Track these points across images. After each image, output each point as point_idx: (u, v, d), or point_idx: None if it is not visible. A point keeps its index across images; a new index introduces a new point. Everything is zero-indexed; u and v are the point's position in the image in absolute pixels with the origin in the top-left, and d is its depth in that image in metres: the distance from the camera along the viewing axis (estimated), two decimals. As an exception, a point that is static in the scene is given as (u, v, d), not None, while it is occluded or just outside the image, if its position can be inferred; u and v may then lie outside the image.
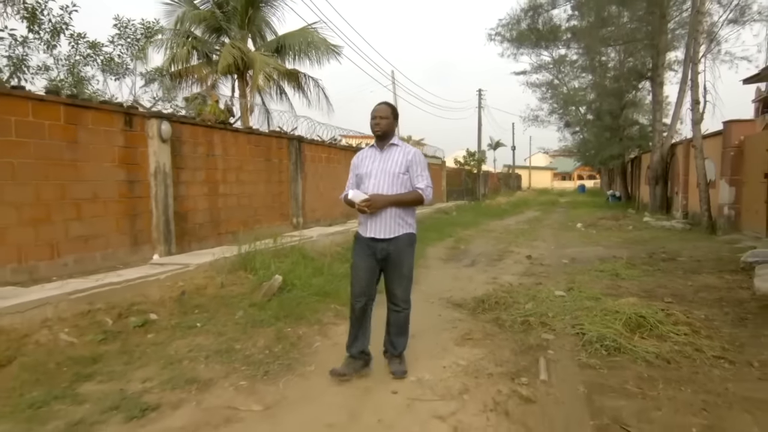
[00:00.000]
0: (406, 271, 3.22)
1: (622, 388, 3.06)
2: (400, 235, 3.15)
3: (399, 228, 3.15)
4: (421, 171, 3.21)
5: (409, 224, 3.22)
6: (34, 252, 4.88)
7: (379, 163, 3.21)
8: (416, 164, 3.20)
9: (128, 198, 5.93)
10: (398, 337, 3.30)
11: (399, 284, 3.22)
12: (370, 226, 3.17)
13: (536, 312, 4.65)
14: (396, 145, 3.27)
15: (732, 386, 3.12)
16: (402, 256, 3.17)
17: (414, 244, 3.30)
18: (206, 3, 11.60)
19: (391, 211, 3.12)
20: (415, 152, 3.26)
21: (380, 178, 3.16)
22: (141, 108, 6.41)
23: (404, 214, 3.18)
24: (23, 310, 3.62)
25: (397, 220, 3.14)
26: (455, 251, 9.43)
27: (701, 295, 5.59)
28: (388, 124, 3.23)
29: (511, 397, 2.92)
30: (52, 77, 7.92)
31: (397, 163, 3.18)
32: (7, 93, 4.75)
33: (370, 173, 3.20)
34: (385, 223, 3.13)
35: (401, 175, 3.17)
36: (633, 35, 16.31)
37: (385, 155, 3.23)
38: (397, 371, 3.21)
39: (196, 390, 3.00)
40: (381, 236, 3.13)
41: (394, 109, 3.35)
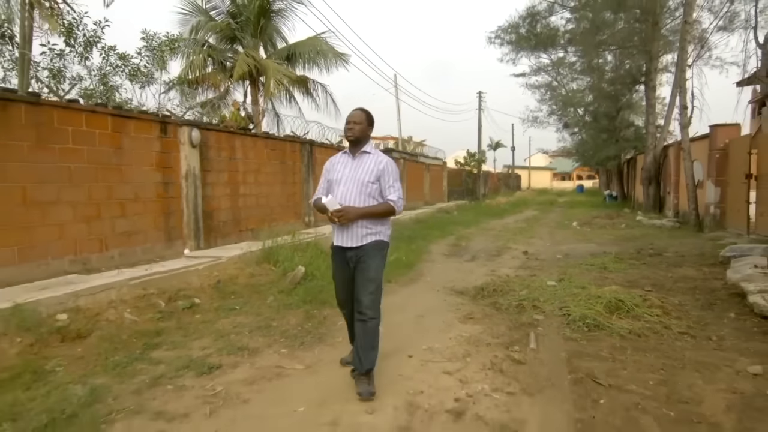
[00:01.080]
0: (372, 274, 3.08)
1: (597, 354, 3.71)
2: (367, 243, 3.11)
3: (367, 237, 3.10)
4: (393, 182, 3.15)
5: (378, 232, 3.15)
6: (87, 245, 5.54)
7: (350, 171, 3.16)
8: (388, 174, 3.14)
9: (163, 198, 6.59)
10: (366, 351, 3.05)
11: (364, 289, 3.04)
12: (339, 235, 3.16)
13: (529, 298, 5.30)
14: (368, 152, 3.20)
15: (689, 354, 3.76)
16: (368, 260, 3.08)
17: (384, 251, 3.22)
18: (221, 14, 12.28)
19: (361, 222, 3.09)
20: (387, 161, 3.19)
21: (349, 186, 3.10)
22: (174, 117, 7.06)
23: (372, 224, 3.12)
24: (94, 293, 4.28)
25: (364, 231, 3.10)
26: (457, 248, 10.08)
27: (678, 285, 6.23)
28: (361, 130, 3.18)
29: (505, 360, 3.59)
30: (84, 86, 8.60)
31: (367, 171, 3.12)
32: (65, 106, 5.42)
33: (340, 180, 3.15)
34: (353, 232, 3.10)
35: (371, 184, 3.10)
36: (627, 41, 16.96)
37: (357, 162, 3.17)
38: (364, 392, 2.96)
39: (247, 355, 3.67)
40: (349, 245, 3.12)
41: (369, 115, 3.28)
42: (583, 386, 3.14)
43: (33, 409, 2.72)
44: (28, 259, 4.91)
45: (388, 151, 17.78)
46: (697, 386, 3.16)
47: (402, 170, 16.66)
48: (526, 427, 2.61)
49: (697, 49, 15.12)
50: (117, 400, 2.89)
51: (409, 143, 30.90)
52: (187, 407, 2.82)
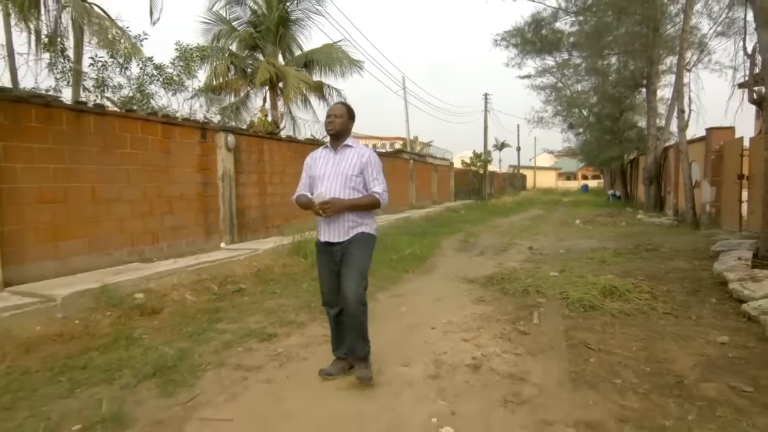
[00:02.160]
0: (358, 263, 3.04)
1: (590, 328, 4.39)
2: (353, 236, 3.10)
3: (352, 230, 3.10)
4: (377, 174, 3.15)
5: (365, 224, 3.15)
6: (141, 238, 6.27)
7: (332, 165, 3.13)
8: (371, 167, 3.13)
9: (203, 197, 7.32)
10: (355, 342, 3.15)
11: (350, 279, 3.01)
12: (324, 230, 3.16)
13: (533, 285, 5.98)
14: (350, 146, 3.18)
15: (670, 329, 4.43)
16: (354, 251, 3.06)
17: (371, 243, 3.19)
18: (243, 24, 13.01)
19: (346, 215, 3.08)
20: (370, 154, 3.18)
21: (333, 181, 3.08)
22: (212, 123, 7.79)
23: (358, 217, 3.12)
24: (160, 278, 5.01)
25: (350, 224, 3.10)
26: (466, 243, 10.76)
27: (669, 275, 6.87)
28: (342, 123, 3.16)
29: (513, 331, 4.28)
30: (124, 94, 9.35)
31: (350, 164, 3.10)
32: (124, 115, 6.15)
33: (323, 175, 3.12)
34: (339, 226, 3.10)
35: (354, 177, 3.09)
36: (629, 45, 17.58)
37: (339, 156, 3.15)
38: (363, 376, 3.10)
39: (296, 327, 4.38)
40: (335, 239, 3.11)
41: (350, 109, 3.28)
42: (577, 350, 3.83)
43: (137, 363, 3.44)
44: (96, 250, 5.64)
45: (398, 152, 18.47)
46: (672, 351, 3.83)
47: (411, 170, 17.34)
48: (530, 376, 3.30)
49: (696, 54, 15.72)
50: (201, 357, 3.61)
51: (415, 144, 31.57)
52: (260, 362, 3.53)
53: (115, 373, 3.27)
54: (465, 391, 3.07)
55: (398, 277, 6.68)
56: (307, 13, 12.92)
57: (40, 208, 5.02)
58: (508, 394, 3.02)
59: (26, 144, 4.91)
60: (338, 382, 3.21)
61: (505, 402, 2.91)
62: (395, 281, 6.41)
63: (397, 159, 16.49)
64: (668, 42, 16.40)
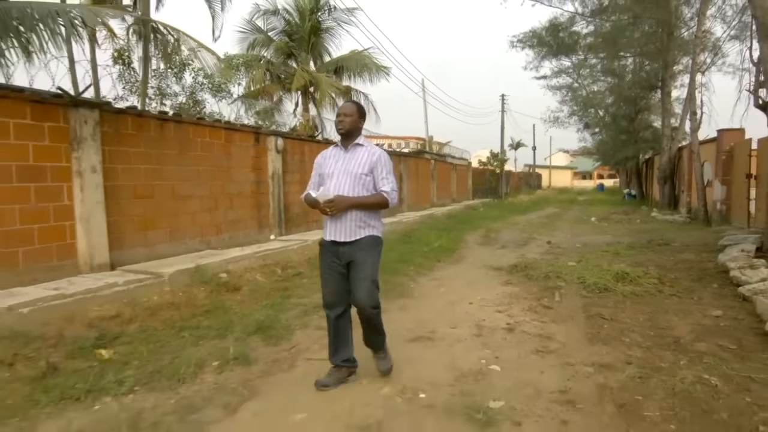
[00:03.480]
0: (367, 271, 3.00)
1: (604, 305, 5.17)
2: (361, 238, 3.03)
3: (360, 230, 3.04)
4: (386, 174, 3.10)
5: (373, 226, 3.09)
6: (208, 230, 7.19)
7: (342, 164, 3.08)
8: (381, 166, 3.08)
9: (257, 194, 8.22)
10: (372, 336, 3.20)
11: (360, 287, 2.97)
12: (331, 229, 3.08)
13: (554, 272, 6.76)
14: (361, 145, 3.15)
15: (673, 306, 5.18)
16: (364, 258, 3.01)
17: (379, 246, 3.14)
18: (278, 33, 13.94)
19: (353, 214, 3.01)
20: (381, 153, 3.13)
21: (342, 179, 3.04)
22: (263, 128, 8.70)
23: (366, 217, 3.06)
24: (235, 262, 5.91)
25: (358, 223, 3.03)
26: (488, 238, 11.54)
27: (678, 266, 7.58)
28: (352, 122, 3.12)
29: (538, 306, 5.08)
30: (177, 101, 10.32)
31: (360, 163, 3.06)
32: (195, 122, 7.07)
33: (332, 173, 3.08)
34: (346, 225, 3.02)
35: (364, 176, 3.05)
36: (644, 49, 18.14)
37: (349, 155, 3.11)
38: (383, 368, 3.22)
39: (355, 302, 5.23)
40: (341, 239, 3.03)
41: (361, 107, 3.26)
42: (593, 320, 4.62)
43: (239, 324, 4.31)
44: (175, 239, 6.56)
45: (420, 153, 19.28)
46: (674, 321, 4.60)
47: (433, 170, 18.14)
48: (555, 336, 4.11)
49: (710, 57, 16.25)
50: (287, 321, 4.48)
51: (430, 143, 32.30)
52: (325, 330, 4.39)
53: (224, 331, 4.16)
54: (504, 345, 3.90)
55: (432, 265, 7.52)
56: (338, 21, 13.83)
57: (135, 203, 5.95)
58: (538, 346, 3.84)
59: (124, 148, 5.84)
60: (398, 341, 4.05)
61: (537, 351, 3.73)
62: (431, 268, 7.25)
63: (420, 159, 17.31)
64: (682, 46, 16.93)
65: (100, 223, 5.41)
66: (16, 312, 3.65)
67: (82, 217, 5.24)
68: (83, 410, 2.81)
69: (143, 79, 8.73)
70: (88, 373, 3.25)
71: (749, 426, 2.56)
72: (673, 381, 3.12)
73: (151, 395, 3.00)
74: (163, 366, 3.39)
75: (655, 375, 3.24)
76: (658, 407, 2.80)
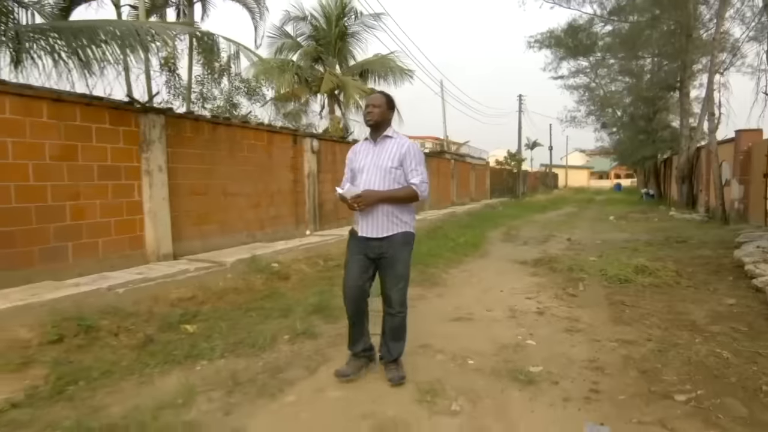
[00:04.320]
0: (401, 270, 3.02)
1: (625, 294, 5.60)
2: (394, 234, 3.00)
3: (393, 226, 3.00)
4: (416, 165, 3.03)
5: (405, 222, 3.05)
6: (253, 224, 7.77)
7: (371, 158, 3.05)
8: (410, 158, 3.02)
9: (294, 192, 8.79)
10: (394, 341, 3.15)
11: (393, 285, 3.02)
12: (362, 225, 3.05)
13: (576, 265, 7.18)
14: (390, 137, 3.09)
15: (690, 296, 5.60)
16: (396, 255, 3.00)
17: (411, 243, 3.12)
18: (306, 38, 14.53)
19: (384, 209, 2.97)
20: (410, 145, 3.07)
21: (372, 174, 3.00)
22: (300, 130, 9.28)
23: (398, 212, 3.01)
24: (283, 253, 6.46)
25: (390, 218, 2.98)
26: (509, 235, 11.96)
27: (695, 261, 7.95)
28: (381, 113, 3.06)
29: (564, 294, 5.54)
30: (215, 105, 10.95)
31: (390, 157, 3.01)
32: (242, 125, 7.66)
33: (362, 168, 3.06)
34: (377, 221, 2.98)
35: (394, 169, 2.99)
36: (662, 50, 18.35)
37: (379, 148, 3.07)
38: (394, 378, 3.06)
39: (395, 289, 5.74)
40: (374, 235, 3.00)
41: (389, 98, 3.17)
42: (616, 306, 5.06)
43: (297, 306, 4.85)
44: (225, 233, 7.15)
45: (441, 153, 19.74)
46: (690, 308, 5.02)
47: (453, 170, 18.59)
48: (581, 318, 4.58)
49: (729, 58, 16.43)
50: (338, 304, 4.99)
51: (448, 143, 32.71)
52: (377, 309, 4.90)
53: (286, 312, 4.70)
54: (536, 324, 4.38)
55: (460, 259, 8.00)
56: (364, 26, 14.40)
57: (192, 199, 6.54)
58: (567, 326, 4.32)
59: (183, 149, 6.43)
60: (442, 321, 4.55)
61: (566, 330, 4.21)
62: (459, 261, 7.74)
63: (441, 159, 17.78)
64: (701, 47, 17.12)
65: (165, 217, 6.00)
66: (113, 292, 4.23)
67: (150, 211, 5.84)
68: (187, 370, 3.37)
69: (188, 84, 9.36)
70: (180, 343, 3.82)
71: (753, 386, 3.02)
72: (689, 353, 3.58)
73: (240, 359, 3.55)
74: (243, 338, 3.94)
75: (672, 349, 3.70)
76: (675, 373, 3.26)
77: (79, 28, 4.99)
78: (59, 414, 2.73)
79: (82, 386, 3.06)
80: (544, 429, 2.56)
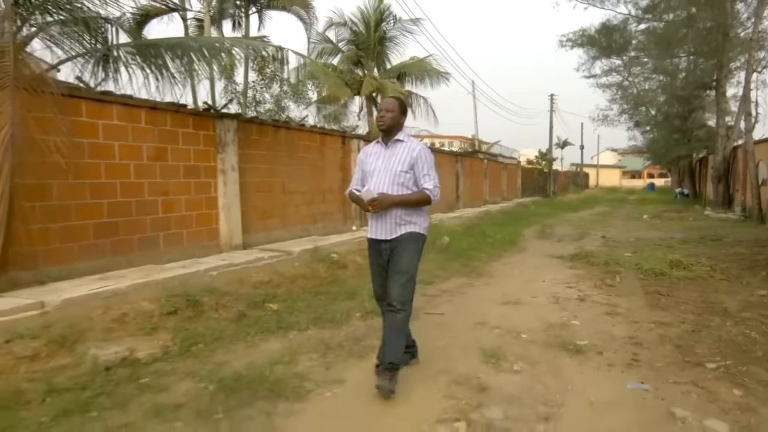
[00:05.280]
0: (404, 266, 3.01)
1: (660, 285, 6.01)
2: (401, 235, 3.05)
3: (400, 228, 3.06)
4: (428, 170, 3.07)
5: (414, 223, 3.08)
6: (307, 219, 8.42)
7: (382, 161, 3.10)
8: (422, 162, 3.06)
9: (342, 190, 9.40)
10: (390, 343, 3.00)
11: (395, 281, 2.99)
12: (373, 227, 3.14)
13: (612, 260, 7.58)
14: (402, 141, 3.12)
15: (723, 288, 5.96)
16: (402, 252, 3.03)
17: (419, 243, 3.13)
18: (347, 44, 15.19)
19: (393, 212, 3.03)
20: (421, 149, 3.10)
21: (382, 177, 3.06)
22: (348, 132, 9.92)
23: (407, 215, 3.06)
24: (339, 245, 7.09)
25: (398, 221, 3.05)
26: (544, 233, 12.35)
27: (729, 257, 8.21)
28: (393, 118, 3.10)
29: (602, 284, 5.99)
30: (265, 108, 11.71)
31: (400, 160, 3.05)
32: (299, 128, 8.32)
33: (373, 171, 3.11)
34: (386, 223, 3.06)
35: (404, 173, 3.04)
36: (698, 50, 18.30)
37: (390, 152, 3.11)
38: (383, 387, 2.88)
39: (442, 279, 6.30)
40: (382, 237, 3.09)
41: (402, 103, 3.25)
42: (651, 295, 5.49)
43: (361, 290, 5.45)
44: (284, 227, 7.82)
45: (474, 153, 20.16)
46: (723, 298, 5.41)
47: (486, 169, 18.99)
48: (620, 304, 5.04)
49: (767, 57, 16.33)
50: (397, 290, 5.58)
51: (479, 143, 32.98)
52: (433, 294, 5.47)
53: (351, 295, 5.31)
54: (578, 309, 4.87)
55: (500, 253, 8.49)
56: (401, 31, 14.97)
57: (258, 196, 7.22)
58: (607, 310, 4.79)
59: (251, 151, 7.11)
60: (493, 304, 5.07)
61: (606, 313, 4.69)
62: (499, 256, 8.23)
63: (474, 159, 18.19)
64: (737, 46, 17.05)
65: (236, 212, 6.69)
66: (209, 274, 4.91)
67: (224, 206, 6.53)
68: (282, 338, 4.00)
69: (244, 90, 10.11)
70: (268, 317, 4.46)
71: (778, 359, 3.46)
72: (720, 333, 4.03)
73: (324, 331, 4.16)
74: (321, 314, 4.56)
75: (704, 330, 4.15)
76: (707, 348, 3.72)
77: (171, 45, 5.70)
78: (192, 366, 3.38)
79: (202, 348, 3.72)
80: (592, 385, 3.07)
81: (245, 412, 2.73)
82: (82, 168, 4.90)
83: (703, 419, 2.60)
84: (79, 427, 2.57)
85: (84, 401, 2.81)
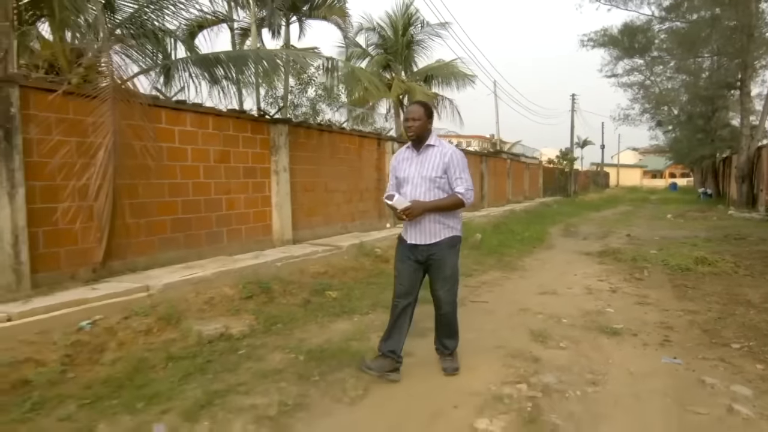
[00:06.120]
0: (448, 272, 3.16)
1: (686, 279, 6.39)
2: (441, 240, 3.12)
3: (439, 233, 3.11)
4: (460, 173, 3.11)
5: (451, 227, 3.16)
6: (346, 217, 8.96)
7: (415, 167, 3.14)
8: (454, 166, 3.10)
9: (377, 190, 9.93)
10: (448, 338, 3.32)
11: (442, 286, 3.17)
12: (410, 232, 3.18)
13: (639, 256, 7.95)
14: (433, 145, 3.15)
15: (747, 282, 6.31)
16: (444, 258, 3.13)
17: (457, 246, 3.24)
18: (376, 48, 15.70)
19: (431, 217, 3.08)
20: (453, 152, 3.14)
21: (417, 184, 3.10)
22: (382, 134, 10.45)
23: (444, 218, 3.12)
24: (380, 241, 7.61)
25: (437, 225, 3.10)
26: (569, 231, 12.70)
27: (753, 255, 8.50)
28: (421, 126, 3.12)
29: (631, 278, 6.40)
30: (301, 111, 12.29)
31: (433, 166, 3.09)
32: (339, 131, 8.87)
33: (407, 178, 3.15)
34: (425, 228, 3.11)
35: (438, 179, 3.09)
36: (722, 50, 18.37)
37: (422, 158, 3.14)
38: (449, 368, 3.26)
39: (480, 272, 6.77)
40: (422, 242, 3.13)
41: (428, 108, 3.26)
42: (679, 288, 5.89)
43: (406, 282, 5.94)
44: (326, 224, 8.36)
45: (497, 153, 20.53)
46: (746, 291, 5.78)
47: (509, 169, 19.35)
48: (650, 295, 5.45)
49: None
50: (440, 281, 6.08)
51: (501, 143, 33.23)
52: (474, 285, 5.95)
53: (399, 286, 5.80)
54: (611, 299, 5.31)
55: (530, 250, 8.93)
56: (429, 35, 15.44)
57: (304, 195, 7.78)
58: (638, 300, 5.22)
59: (299, 153, 7.66)
60: (531, 294, 5.53)
61: (637, 303, 5.13)
62: (529, 252, 8.67)
63: (498, 159, 18.59)
64: (762, 46, 17.10)
65: (287, 209, 7.25)
66: (274, 265, 5.47)
67: (276, 204, 7.10)
68: (347, 320, 4.53)
69: (285, 94, 10.69)
70: (330, 303, 5.00)
71: (797, 341, 3.87)
72: (744, 320, 4.44)
73: (382, 315, 4.65)
74: (376, 301, 5.08)
75: (730, 317, 4.56)
76: (732, 332, 4.14)
77: (232, 57, 6.28)
78: (277, 342, 3.93)
79: (281, 327, 4.26)
80: (630, 360, 3.53)
81: (337, 375, 3.26)
82: (162, 169, 5.49)
83: (729, 385, 3.05)
84: (203, 385, 3.12)
85: (200, 366, 3.38)
